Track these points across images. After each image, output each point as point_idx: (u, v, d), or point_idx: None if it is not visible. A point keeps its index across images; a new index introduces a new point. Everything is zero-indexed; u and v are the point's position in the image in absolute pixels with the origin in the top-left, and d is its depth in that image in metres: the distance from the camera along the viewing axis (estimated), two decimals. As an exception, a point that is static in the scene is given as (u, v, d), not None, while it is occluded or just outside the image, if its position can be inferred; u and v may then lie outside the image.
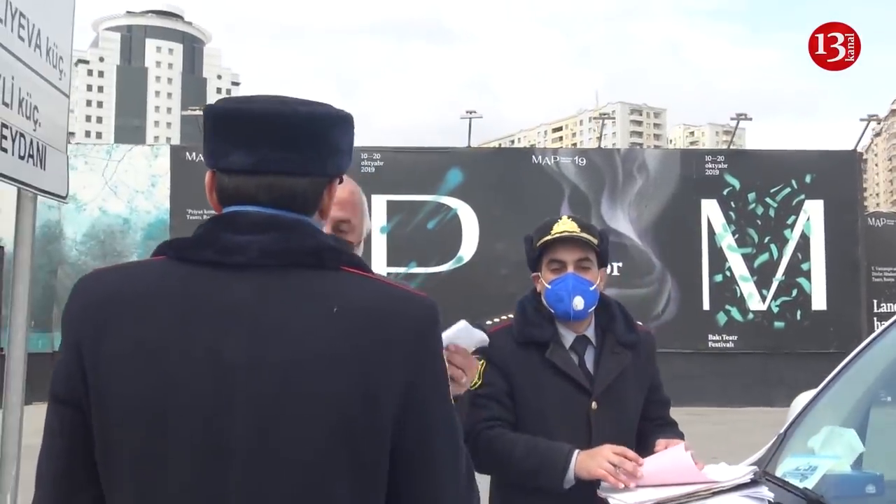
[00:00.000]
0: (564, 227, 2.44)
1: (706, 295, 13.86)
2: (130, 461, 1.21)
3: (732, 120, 15.11)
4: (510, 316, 2.52)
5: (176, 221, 13.19)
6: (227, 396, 1.19)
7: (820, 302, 13.83)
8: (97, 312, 1.24)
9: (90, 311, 1.25)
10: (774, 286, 13.88)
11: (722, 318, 13.85)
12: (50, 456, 1.27)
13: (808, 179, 13.96)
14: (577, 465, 2.24)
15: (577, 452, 2.26)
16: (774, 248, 13.96)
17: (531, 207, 12.31)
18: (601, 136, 16.76)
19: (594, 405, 2.41)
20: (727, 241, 13.97)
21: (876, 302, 14.17)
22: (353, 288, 1.27)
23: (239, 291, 1.23)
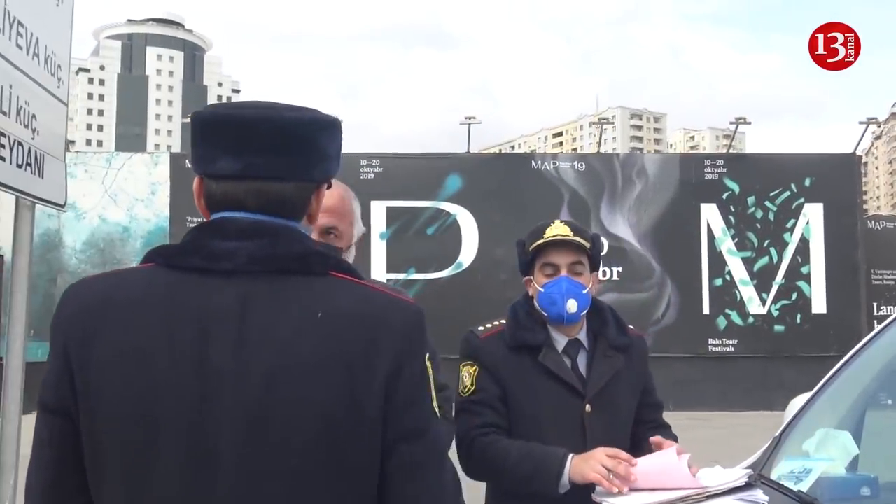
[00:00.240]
0: (557, 230, 2.44)
1: (706, 299, 13.85)
2: (119, 468, 1.21)
3: (732, 124, 15.11)
4: (502, 321, 2.53)
5: (175, 229, 13.19)
6: (213, 402, 1.19)
7: (820, 305, 13.82)
8: (85, 319, 1.24)
9: (77, 318, 1.25)
10: (774, 290, 13.87)
11: (722, 322, 13.83)
12: (39, 466, 1.27)
13: (807, 183, 13.96)
14: (571, 469, 2.24)
15: (571, 457, 2.26)
16: (774, 251, 13.95)
17: (530, 213, 12.30)
18: (601, 140, 16.77)
19: (588, 408, 2.41)
20: (727, 245, 13.97)
21: (876, 305, 14.15)
22: (340, 293, 1.27)
23: (226, 298, 1.23)
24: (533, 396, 2.42)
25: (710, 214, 13.98)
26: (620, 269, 13.66)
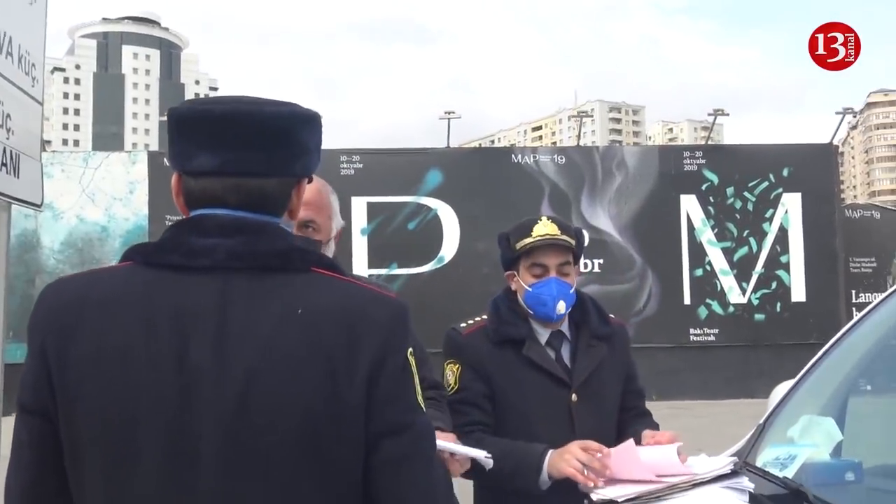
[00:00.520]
0: (546, 229, 2.42)
1: (687, 289, 13.92)
2: (99, 468, 1.20)
3: (710, 116, 15.19)
4: (483, 317, 2.52)
5: (155, 227, 13.09)
6: (193, 400, 1.18)
7: (799, 294, 13.93)
8: (62, 319, 1.23)
9: (55, 317, 1.24)
10: (754, 279, 13.97)
11: (703, 311, 13.92)
12: (18, 468, 1.26)
13: (785, 173, 14.05)
14: (548, 465, 2.25)
15: (550, 453, 2.26)
16: (753, 241, 14.04)
17: (511, 206, 12.32)
18: (580, 134, 16.81)
19: (574, 397, 2.42)
20: (707, 235, 14.05)
21: (854, 292, 14.29)
22: (321, 289, 1.26)
23: (204, 295, 1.22)
24: (519, 389, 2.42)
25: (689, 205, 14.05)
26: (602, 261, 13.70)
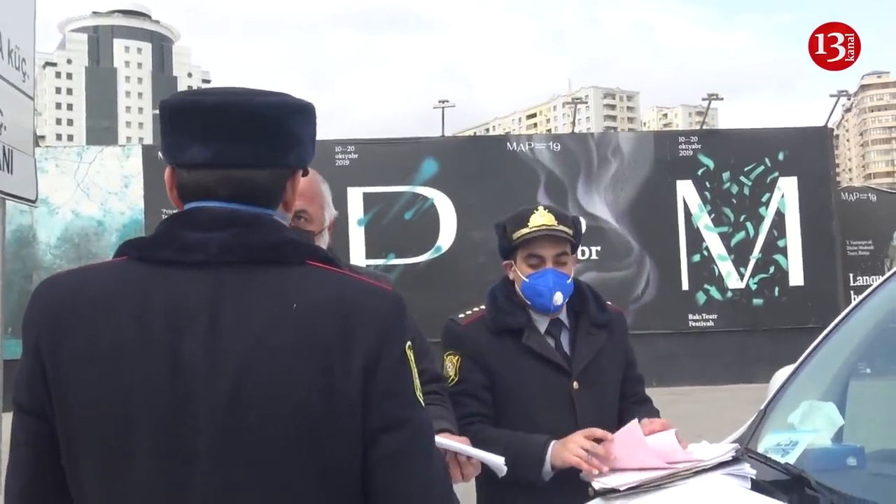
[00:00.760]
0: (543, 220, 2.41)
1: (685, 275, 13.94)
2: (94, 464, 1.19)
3: (704, 101, 15.16)
4: (482, 307, 2.52)
5: (150, 221, 13.06)
6: (187, 396, 1.17)
7: (797, 278, 13.95)
8: (56, 316, 1.22)
9: (48, 314, 1.23)
10: (752, 264, 13.98)
11: (701, 297, 13.93)
12: (16, 466, 1.26)
13: (780, 157, 14.05)
14: (552, 455, 2.25)
15: (552, 444, 2.26)
16: (750, 226, 14.05)
17: (507, 194, 12.31)
18: (574, 121, 16.79)
19: (575, 385, 2.42)
20: (704, 220, 14.05)
21: (852, 276, 14.31)
22: (315, 282, 1.25)
23: (197, 290, 1.21)
24: (519, 378, 2.41)
25: (685, 191, 14.05)
26: (599, 248, 13.70)
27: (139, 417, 1.17)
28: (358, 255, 13.16)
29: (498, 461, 2.06)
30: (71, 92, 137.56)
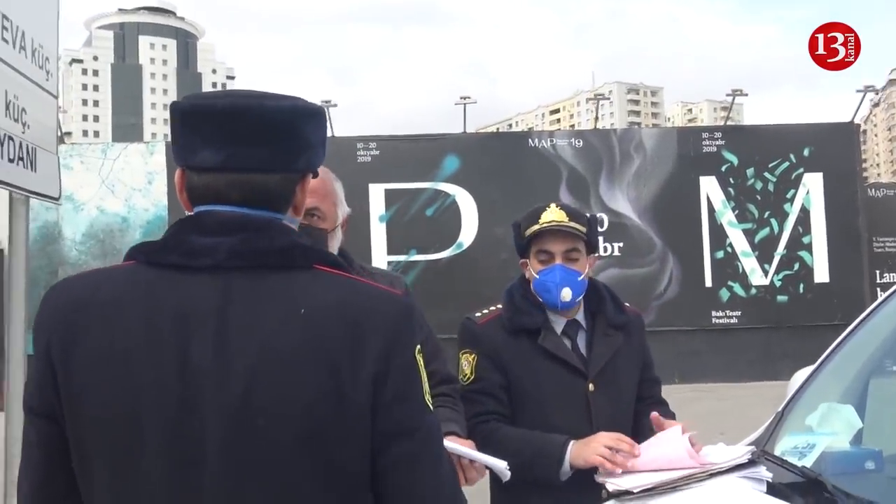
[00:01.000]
0: (553, 216, 2.41)
1: (708, 272, 13.83)
2: (105, 468, 1.20)
3: (729, 96, 15.03)
4: (498, 306, 2.51)
5: (174, 217, 13.04)
6: (196, 400, 1.18)
7: (822, 274, 13.80)
8: (65, 320, 1.23)
9: (58, 319, 1.24)
10: (776, 260, 13.85)
11: (725, 294, 13.82)
12: (28, 467, 1.27)
13: (806, 153, 13.90)
14: (572, 455, 2.24)
15: (572, 443, 2.26)
16: (775, 222, 13.91)
17: (529, 191, 12.28)
18: (597, 116, 16.70)
19: (591, 387, 2.41)
20: (727, 217, 13.93)
21: (879, 272, 14.13)
22: (323, 287, 1.25)
23: (205, 295, 1.21)
24: (535, 379, 2.41)
25: (709, 187, 13.94)
26: (621, 244, 13.63)
27: (149, 419, 1.18)
28: (379, 251, 13.18)
29: (501, 465, 2.05)
30: (97, 89, 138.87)
